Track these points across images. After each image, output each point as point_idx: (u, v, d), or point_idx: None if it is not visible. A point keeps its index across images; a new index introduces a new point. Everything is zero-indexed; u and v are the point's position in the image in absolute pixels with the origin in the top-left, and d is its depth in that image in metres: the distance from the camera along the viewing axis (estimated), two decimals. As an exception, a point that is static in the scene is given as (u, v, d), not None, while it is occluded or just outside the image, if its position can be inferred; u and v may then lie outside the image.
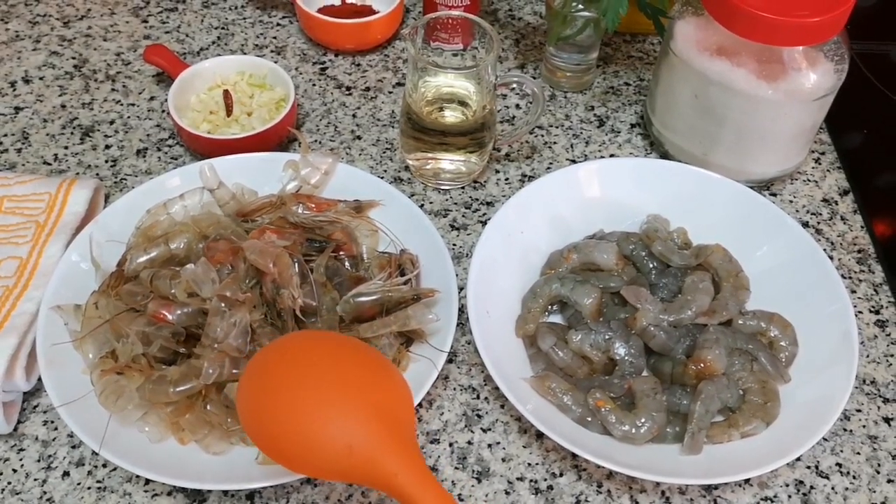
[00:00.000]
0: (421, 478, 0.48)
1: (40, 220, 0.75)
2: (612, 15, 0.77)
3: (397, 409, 0.51)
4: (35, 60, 0.96)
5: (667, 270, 0.72)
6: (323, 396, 0.50)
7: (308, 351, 0.54)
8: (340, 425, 0.49)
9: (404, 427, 0.51)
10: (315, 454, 0.49)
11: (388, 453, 0.48)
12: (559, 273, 0.72)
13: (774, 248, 0.73)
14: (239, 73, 0.89)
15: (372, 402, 0.50)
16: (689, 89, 0.78)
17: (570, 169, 0.77)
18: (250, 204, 0.74)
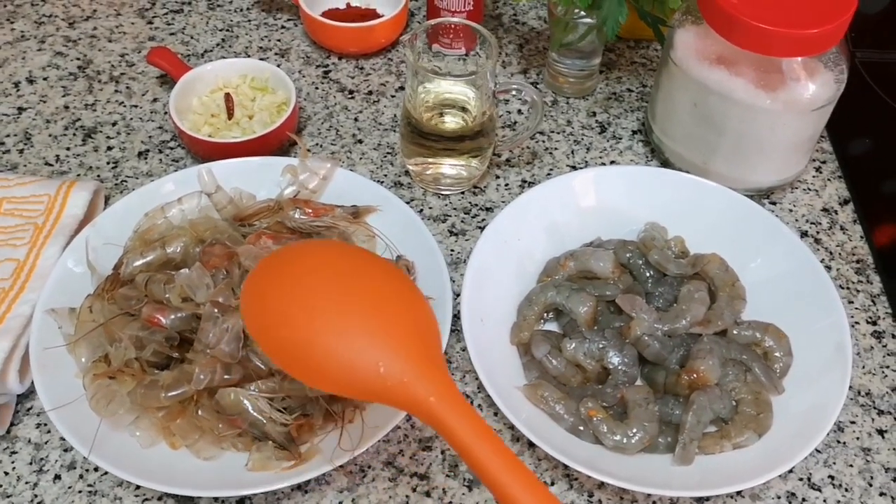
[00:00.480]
0: (454, 402, 0.44)
1: (39, 223, 0.75)
2: (611, 23, 0.76)
3: (424, 330, 0.48)
4: (39, 61, 0.96)
5: (663, 279, 0.72)
6: (349, 311, 0.47)
7: (329, 261, 0.50)
8: (369, 342, 0.45)
9: (433, 349, 0.47)
10: (342, 371, 0.45)
11: (420, 376, 0.45)
12: (555, 281, 0.72)
13: (771, 257, 0.72)
14: (241, 76, 0.89)
15: (400, 320, 0.47)
16: (688, 98, 0.77)
17: (568, 176, 0.76)
18: (248, 208, 0.74)
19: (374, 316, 0.47)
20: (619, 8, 0.76)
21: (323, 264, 0.50)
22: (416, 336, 0.47)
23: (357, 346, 0.45)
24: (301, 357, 0.46)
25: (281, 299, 0.47)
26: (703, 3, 0.73)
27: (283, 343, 0.47)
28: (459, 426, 0.43)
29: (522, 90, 0.77)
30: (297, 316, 0.46)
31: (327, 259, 0.51)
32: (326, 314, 0.46)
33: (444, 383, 0.45)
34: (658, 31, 0.78)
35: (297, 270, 0.49)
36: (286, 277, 0.48)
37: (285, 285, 0.48)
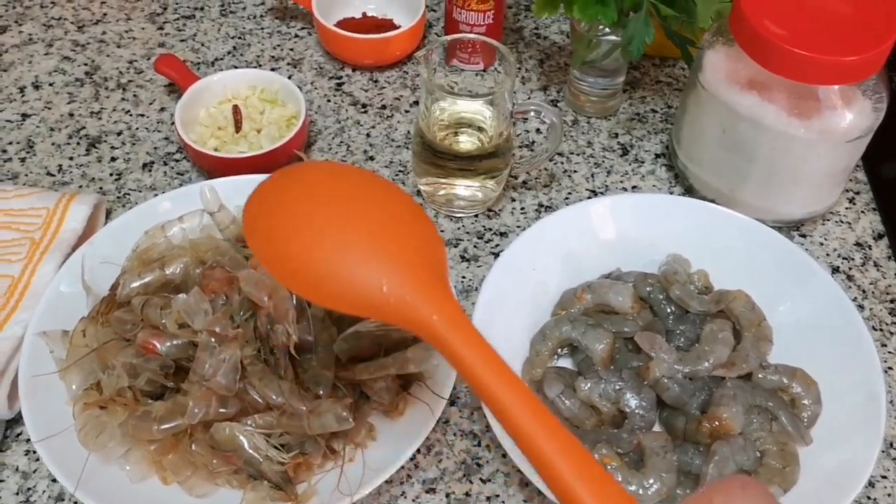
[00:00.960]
0: (457, 322, 0.43)
1: (36, 237, 0.72)
2: (637, 43, 0.73)
3: (429, 251, 0.47)
4: (46, 66, 0.93)
5: (685, 316, 0.68)
6: (355, 228, 0.46)
7: (335, 180, 0.50)
8: (373, 259, 0.45)
9: (437, 269, 0.46)
10: (344, 286, 0.44)
11: (423, 295, 0.44)
12: (571, 314, 0.68)
13: (800, 296, 0.68)
14: (250, 87, 0.85)
15: (405, 240, 0.47)
16: (717, 123, 0.74)
17: (587, 203, 0.73)
18: (251, 229, 0.70)
19: (379, 235, 0.46)
20: (646, 28, 0.72)
21: (330, 183, 0.50)
22: (421, 256, 0.46)
23: (361, 263, 0.44)
24: (304, 272, 0.45)
25: (286, 214, 0.47)
26: (736, 24, 0.69)
27: (287, 258, 0.46)
28: (462, 346, 0.42)
29: (542, 111, 0.74)
30: (302, 231, 0.46)
31: (334, 178, 0.51)
32: (332, 230, 0.46)
33: (448, 303, 0.44)
34: (686, 53, 0.74)
35: (303, 187, 0.48)
36: (293, 192, 0.48)
37: (291, 200, 0.47)
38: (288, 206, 0.47)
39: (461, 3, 0.86)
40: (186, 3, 1.02)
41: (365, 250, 0.45)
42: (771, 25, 0.66)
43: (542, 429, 0.39)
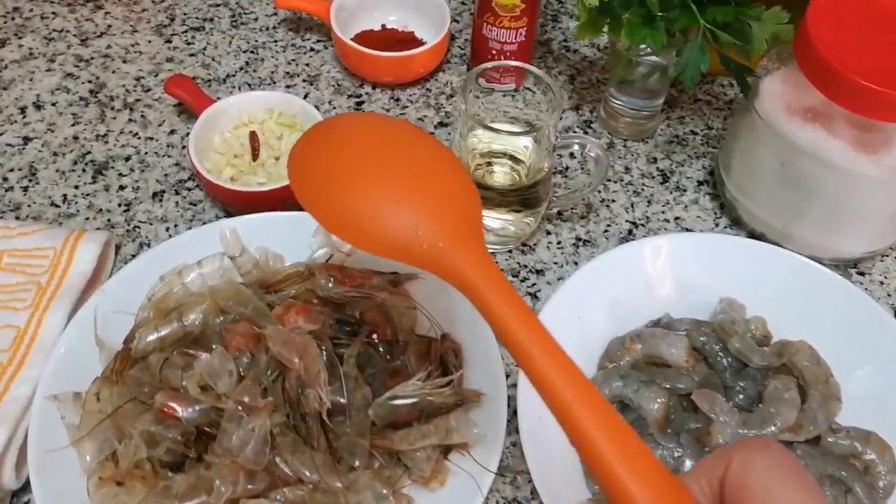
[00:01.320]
0: (488, 270, 0.44)
1: (42, 282, 0.67)
2: (691, 71, 0.67)
3: (464, 202, 0.48)
4: (48, 83, 0.87)
5: (744, 371, 0.63)
6: (391, 175, 0.48)
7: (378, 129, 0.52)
8: (409, 206, 0.46)
9: (472, 221, 0.48)
10: (380, 229, 0.46)
11: (457, 243, 0.45)
12: (620, 369, 0.63)
13: (865, 346, 0.63)
14: (267, 110, 0.80)
15: (441, 191, 0.48)
16: (774, 156, 0.68)
17: (636, 245, 0.68)
18: (275, 274, 0.65)
19: (417, 183, 0.48)
20: (702, 55, 0.66)
21: (372, 132, 0.51)
22: (457, 207, 0.47)
23: (397, 207, 0.46)
24: (344, 216, 0.47)
25: (329, 161, 0.49)
26: (801, 50, 0.64)
27: (328, 202, 0.47)
28: (492, 294, 0.43)
29: (586, 144, 0.68)
30: (343, 177, 0.47)
31: (377, 127, 0.53)
32: (372, 177, 0.48)
33: (480, 253, 0.45)
34: (743, 81, 0.69)
35: (346, 136, 0.50)
36: (335, 141, 0.50)
37: (333, 148, 0.49)
38: (330, 153, 0.49)
39: (492, 19, 0.80)
40: (194, 13, 0.96)
41: (402, 196, 0.47)
42: (842, 55, 0.61)
43: (572, 386, 0.39)
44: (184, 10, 0.96)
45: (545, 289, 0.73)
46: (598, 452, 0.36)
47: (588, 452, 0.37)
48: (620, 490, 0.35)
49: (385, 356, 0.62)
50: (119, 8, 0.96)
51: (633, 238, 0.76)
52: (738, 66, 0.68)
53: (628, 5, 0.68)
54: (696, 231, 0.77)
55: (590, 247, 0.76)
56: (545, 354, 0.40)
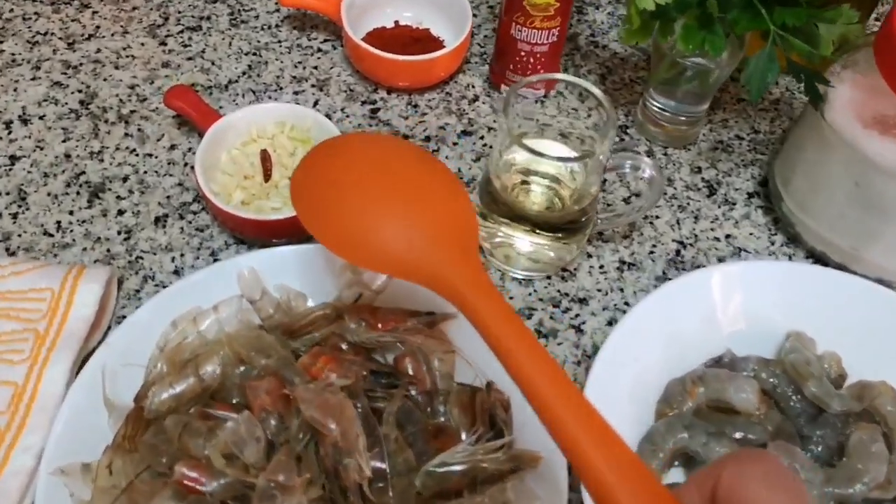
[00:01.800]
0: (482, 286, 0.45)
1: (40, 329, 0.60)
2: (757, 82, 0.61)
3: (460, 217, 0.50)
4: (35, 94, 0.80)
5: (821, 417, 0.58)
6: (388, 194, 0.50)
7: (376, 150, 0.54)
8: (403, 222, 0.49)
9: (466, 235, 0.49)
10: (376, 245, 0.48)
11: (450, 256, 0.47)
12: (684, 417, 0.58)
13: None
14: (278, 123, 0.73)
15: (436, 206, 0.50)
16: (847, 174, 0.63)
17: (696, 275, 0.62)
18: (299, 318, 0.59)
19: (412, 201, 0.50)
20: (770, 64, 0.60)
21: (370, 153, 0.54)
22: (451, 222, 0.49)
23: (395, 225, 0.49)
24: (342, 234, 0.49)
25: (329, 183, 0.51)
26: (883, 53, 0.57)
27: (327, 221, 0.50)
28: (485, 307, 0.44)
29: (639, 165, 0.62)
30: (342, 198, 0.50)
31: (375, 148, 0.55)
32: (369, 196, 0.50)
33: (474, 267, 0.46)
34: (814, 90, 0.62)
35: (346, 157, 0.53)
36: (336, 162, 0.52)
37: (333, 170, 0.52)
38: (331, 174, 0.51)
39: (522, 20, 0.74)
40: (190, 11, 0.88)
41: (398, 213, 0.49)
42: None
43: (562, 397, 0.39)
44: (178, 7, 0.89)
45: (590, 320, 0.67)
46: (591, 466, 0.37)
47: (579, 464, 0.37)
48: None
49: (425, 409, 0.57)
50: (107, 7, 0.88)
51: (681, 259, 0.71)
52: (808, 74, 0.61)
53: (685, 8, 0.61)
54: (751, 251, 0.71)
55: (635, 270, 0.70)
56: (536, 369, 0.41)
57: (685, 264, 0.71)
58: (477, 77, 0.84)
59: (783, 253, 0.72)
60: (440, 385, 0.59)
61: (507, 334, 0.42)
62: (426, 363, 0.59)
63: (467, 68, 0.85)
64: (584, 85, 0.59)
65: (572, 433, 0.38)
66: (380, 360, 0.60)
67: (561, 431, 0.38)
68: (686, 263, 0.71)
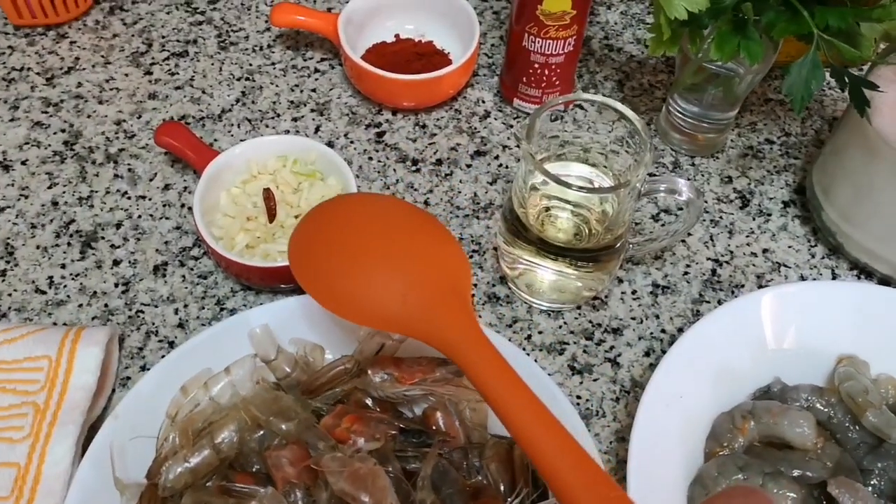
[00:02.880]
0: (476, 339, 0.47)
1: (39, 403, 0.58)
2: (802, 92, 0.58)
3: (452, 272, 0.52)
4: (14, 136, 0.78)
5: (882, 448, 0.56)
6: (381, 255, 0.53)
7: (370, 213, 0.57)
8: (397, 280, 0.51)
9: (460, 288, 0.51)
10: (371, 301, 0.51)
11: (443, 310, 0.49)
12: (736, 457, 0.56)
13: None
14: (279, 157, 0.71)
15: (428, 264, 0.52)
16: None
17: (742, 302, 0.60)
18: (318, 375, 0.57)
19: (405, 257, 0.53)
20: (815, 71, 0.58)
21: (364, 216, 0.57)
22: (443, 276, 0.52)
23: (388, 281, 0.51)
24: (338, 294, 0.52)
25: (324, 245, 0.54)
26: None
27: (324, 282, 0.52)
28: (477, 359, 0.46)
29: (676, 188, 0.60)
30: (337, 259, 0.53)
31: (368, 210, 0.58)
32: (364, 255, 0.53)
33: (468, 322, 0.48)
34: (860, 97, 0.60)
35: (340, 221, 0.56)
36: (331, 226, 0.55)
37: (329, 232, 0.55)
38: (325, 236, 0.54)
39: (535, 30, 0.71)
40: (174, 35, 0.86)
41: (391, 270, 0.52)
42: None
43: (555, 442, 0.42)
44: (161, 32, 0.87)
45: (626, 352, 0.65)
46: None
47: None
48: None
49: (461, 467, 0.55)
50: (86, 35, 0.86)
51: (717, 279, 0.69)
52: (855, 81, 0.59)
53: (719, 14, 0.59)
54: (791, 265, 0.70)
55: (670, 294, 0.68)
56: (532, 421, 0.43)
57: (722, 284, 0.69)
58: (486, 91, 0.82)
59: (825, 266, 0.70)
60: (474, 437, 0.57)
61: (500, 387, 0.45)
62: (458, 415, 0.57)
63: (475, 81, 0.83)
64: (617, 106, 0.57)
65: (570, 485, 0.41)
66: (407, 414, 0.58)
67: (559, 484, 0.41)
68: (723, 283, 0.69)
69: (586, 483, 0.41)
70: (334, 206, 0.58)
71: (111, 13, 0.87)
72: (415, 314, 0.50)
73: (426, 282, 0.51)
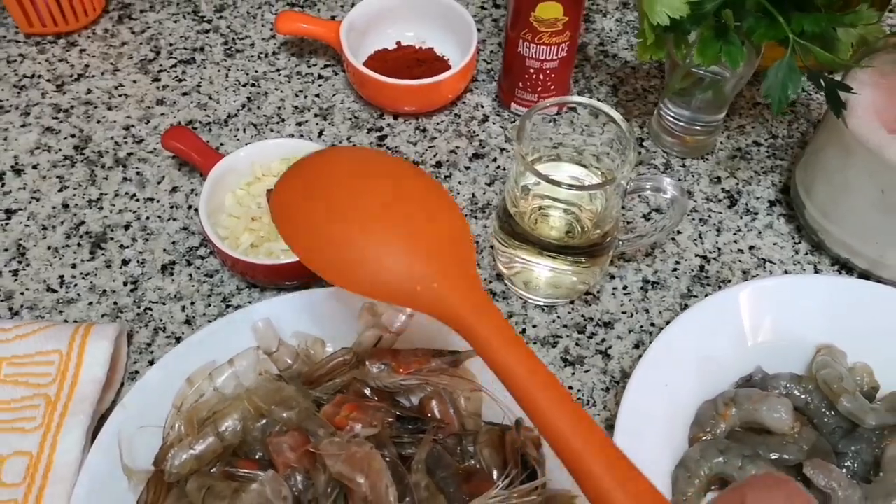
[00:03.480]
0: (484, 308, 0.46)
1: (51, 394, 0.61)
2: (779, 95, 0.61)
3: (458, 242, 0.49)
4: (25, 141, 0.81)
5: (856, 432, 0.59)
6: (384, 217, 0.49)
7: (367, 167, 0.53)
8: (402, 249, 0.48)
9: (465, 261, 0.49)
10: (375, 274, 0.47)
11: (450, 281, 0.47)
12: (718, 441, 0.59)
13: None
14: (283, 160, 0.74)
15: (433, 230, 0.49)
16: (871, 182, 0.63)
17: (725, 295, 0.63)
18: (319, 367, 0.60)
19: (408, 224, 0.49)
20: (792, 74, 0.61)
21: (359, 169, 0.52)
22: (448, 245, 0.49)
23: (392, 251, 0.47)
24: (337, 260, 0.48)
25: (320, 202, 0.49)
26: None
27: (319, 246, 0.49)
28: (486, 330, 0.45)
29: (661, 187, 0.63)
30: (335, 220, 0.48)
31: (362, 164, 0.53)
32: (364, 221, 0.48)
33: (474, 291, 0.46)
34: (836, 100, 0.63)
35: (336, 175, 0.51)
36: (324, 180, 0.51)
37: (324, 188, 0.50)
38: (320, 193, 0.50)
39: (529, 36, 0.74)
40: (182, 44, 0.89)
41: (395, 239, 0.48)
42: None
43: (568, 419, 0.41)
44: (168, 40, 0.90)
45: (617, 344, 0.68)
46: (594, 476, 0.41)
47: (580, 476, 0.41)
48: None
49: (455, 452, 0.58)
50: (95, 44, 0.89)
51: (705, 275, 0.71)
52: (829, 83, 0.62)
53: (701, 20, 0.62)
54: (775, 261, 0.72)
55: (660, 289, 0.71)
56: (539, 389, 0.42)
57: (710, 279, 0.72)
58: (485, 96, 0.85)
59: (808, 262, 0.73)
60: (468, 425, 0.60)
61: (508, 357, 0.44)
62: (452, 404, 0.60)
63: (475, 87, 0.86)
64: (602, 108, 0.60)
65: (587, 463, 0.41)
66: (405, 403, 0.61)
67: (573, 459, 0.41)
68: (711, 279, 0.72)
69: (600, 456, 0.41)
70: (327, 160, 0.54)
71: (120, 22, 0.90)
72: (422, 288, 0.46)
73: (433, 252, 0.48)
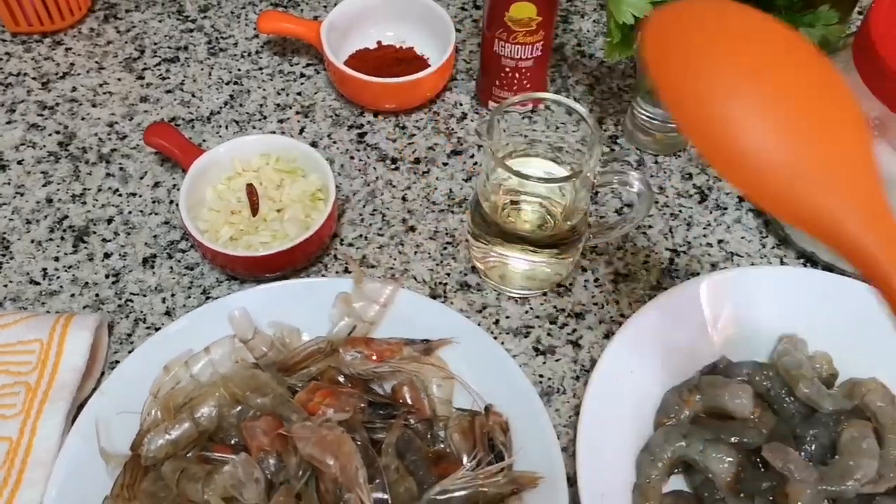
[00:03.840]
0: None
1: (31, 381, 0.63)
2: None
3: (862, 142, 0.40)
4: (11, 138, 0.83)
5: (814, 417, 0.61)
6: (776, 95, 0.40)
7: (770, 35, 0.43)
8: (793, 139, 0.39)
9: (867, 172, 0.40)
10: (756, 161, 0.39)
11: (849, 200, 0.38)
12: (681, 426, 0.61)
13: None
14: (263, 155, 0.76)
15: (831, 126, 0.40)
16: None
17: (687, 286, 0.65)
18: (294, 354, 0.62)
19: (803, 112, 0.40)
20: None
21: (752, 34, 0.42)
22: (850, 152, 0.40)
23: (781, 140, 0.39)
24: (723, 139, 0.40)
25: (721, 62, 0.41)
26: (861, 55, 0.60)
27: (719, 124, 0.40)
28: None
29: (627, 180, 0.65)
30: (743, 98, 0.40)
31: (756, 31, 0.43)
32: (778, 105, 0.40)
33: (883, 217, 0.38)
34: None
35: (738, 35, 0.42)
36: (717, 42, 0.42)
37: (725, 35, 0.42)
38: (708, 47, 0.41)
39: (505, 35, 0.76)
40: (166, 42, 0.91)
41: (786, 125, 0.39)
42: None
43: None
44: (153, 39, 0.92)
45: (587, 335, 0.70)
46: None
47: None
48: None
49: (425, 437, 0.59)
50: (80, 42, 0.91)
51: (675, 268, 0.73)
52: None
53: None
54: (743, 255, 0.74)
55: (630, 282, 0.73)
56: None
57: (679, 272, 0.74)
58: (464, 94, 0.87)
59: (774, 255, 0.75)
60: (439, 411, 0.62)
61: None
62: (424, 391, 0.62)
63: (454, 85, 0.87)
64: (568, 103, 0.62)
65: None
66: (378, 390, 0.63)
67: None
68: (680, 271, 0.74)
69: None
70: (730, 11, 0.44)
71: (105, 21, 0.92)
72: (809, 200, 0.39)
73: (831, 159, 0.39)
